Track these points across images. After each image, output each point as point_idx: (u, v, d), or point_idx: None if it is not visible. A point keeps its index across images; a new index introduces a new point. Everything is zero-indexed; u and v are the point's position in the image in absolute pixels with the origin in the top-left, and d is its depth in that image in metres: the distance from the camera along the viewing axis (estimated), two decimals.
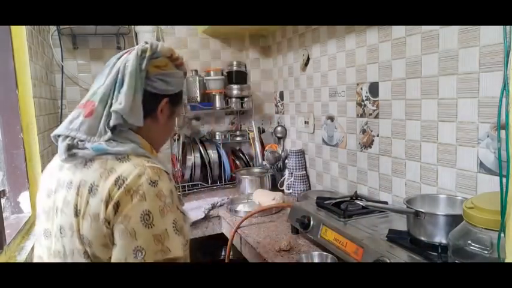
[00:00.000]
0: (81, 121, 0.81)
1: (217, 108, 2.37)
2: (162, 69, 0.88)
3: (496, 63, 1.04)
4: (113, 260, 0.75)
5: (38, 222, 0.90)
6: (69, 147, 0.80)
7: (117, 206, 0.74)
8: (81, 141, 0.80)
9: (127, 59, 0.85)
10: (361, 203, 1.19)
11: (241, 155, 2.46)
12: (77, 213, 0.77)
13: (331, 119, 1.85)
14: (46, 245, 0.85)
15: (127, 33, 2.25)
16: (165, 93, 0.90)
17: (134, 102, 0.83)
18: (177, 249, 0.75)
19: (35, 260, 0.89)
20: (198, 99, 2.33)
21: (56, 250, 0.81)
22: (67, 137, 0.81)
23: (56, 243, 0.81)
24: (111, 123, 0.81)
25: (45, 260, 0.85)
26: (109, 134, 0.80)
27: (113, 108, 0.80)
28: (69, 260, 0.78)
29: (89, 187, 0.77)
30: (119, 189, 0.74)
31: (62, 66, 2.15)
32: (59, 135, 0.82)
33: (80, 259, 0.76)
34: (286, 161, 2.16)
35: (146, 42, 0.87)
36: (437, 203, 1.13)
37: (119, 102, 0.81)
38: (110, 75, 0.85)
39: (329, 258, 1.17)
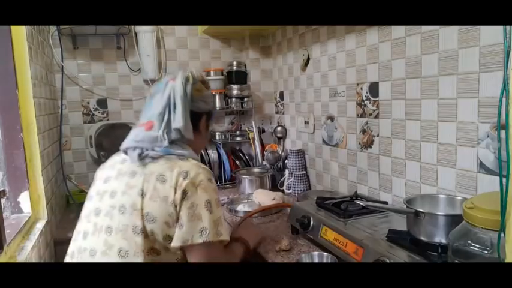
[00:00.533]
0: (144, 135, 1.04)
1: (217, 108, 2.37)
2: (201, 92, 1.12)
3: (496, 63, 1.04)
4: (176, 238, 0.94)
5: (89, 203, 1.08)
6: (140, 155, 1.01)
7: (184, 194, 0.95)
8: (147, 149, 1.02)
9: (174, 86, 1.07)
10: (361, 203, 1.19)
11: (241, 155, 2.46)
12: (142, 195, 0.96)
13: (331, 119, 1.85)
14: (94, 221, 1.02)
15: (127, 33, 2.25)
16: (204, 111, 1.14)
17: (187, 121, 1.06)
18: (226, 234, 0.99)
19: (75, 235, 1.05)
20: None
21: (103, 225, 0.99)
22: (136, 148, 1.03)
23: (105, 219, 0.99)
24: (172, 137, 1.04)
25: (90, 235, 1.01)
26: (166, 141, 1.02)
27: (174, 126, 1.04)
28: (114, 235, 0.96)
29: (156, 176, 0.98)
30: (184, 179, 0.97)
31: (62, 66, 2.15)
32: (127, 148, 1.05)
33: (132, 234, 0.94)
34: (286, 161, 2.16)
35: (186, 71, 1.12)
36: (437, 203, 1.13)
37: (178, 121, 1.04)
38: (162, 99, 1.07)
39: (329, 258, 1.17)
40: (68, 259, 1.04)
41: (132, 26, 2.22)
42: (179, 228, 0.95)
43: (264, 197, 1.83)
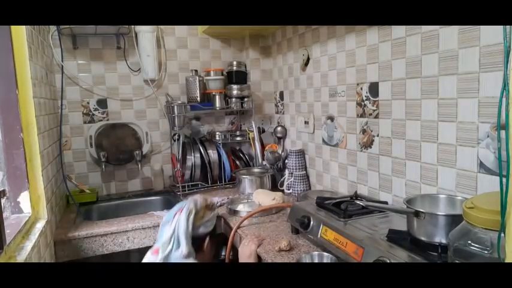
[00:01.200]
0: (148, 258, 1.23)
1: (217, 108, 2.37)
2: (202, 219, 1.27)
3: (496, 63, 1.04)
4: None
5: None
6: None
7: None
8: None
9: (179, 220, 1.22)
10: (361, 203, 1.19)
11: (241, 155, 2.46)
12: None
13: (331, 119, 1.85)
14: None
15: (127, 33, 2.25)
16: (206, 233, 1.28)
17: (188, 250, 1.19)
18: None
19: None
20: (198, 99, 2.33)
21: None
22: None
23: None
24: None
25: None
26: None
27: (177, 255, 1.19)
28: None
29: None
30: None
31: (62, 66, 2.15)
32: None
33: None
34: (286, 161, 2.16)
35: (192, 202, 1.27)
36: (437, 203, 1.13)
37: (181, 252, 1.19)
38: (169, 231, 1.22)
39: (329, 258, 1.17)
40: None
41: (132, 26, 2.22)
42: None
43: (264, 197, 1.83)
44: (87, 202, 2.11)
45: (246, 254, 1.37)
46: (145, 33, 2.24)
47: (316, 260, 1.19)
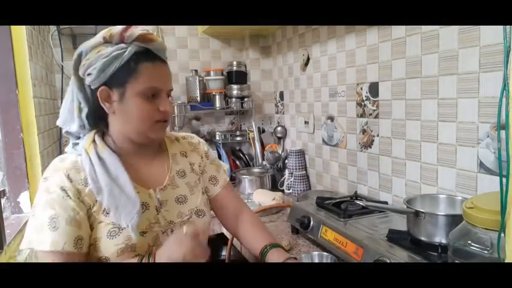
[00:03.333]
0: None
1: (217, 108, 2.37)
2: (85, 64, 0.89)
3: (496, 63, 1.04)
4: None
5: None
6: None
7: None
8: None
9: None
10: (361, 203, 1.19)
11: (241, 155, 2.46)
12: None
13: (331, 119, 1.85)
14: None
15: None
16: (95, 85, 0.90)
17: (66, 109, 0.96)
18: (46, 244, 0.82)
19: None
20: (198, 99, 2.33)
21: None
22: None
23: None
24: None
25: None
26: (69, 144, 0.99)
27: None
28: None
29: None
30: None
31: (62, 66, 2.15)
32: None
33: None
34: (286, 161, 2.16)
35: None
36: (437, 203, 1.13)
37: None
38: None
39: (329, 258, 1.17)
40: None
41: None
42: None
43: (264, 197, 1.83)
44: None
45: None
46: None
47: (316, 260, 1.19)
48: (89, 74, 0.89)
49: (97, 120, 0.95)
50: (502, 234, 0.63)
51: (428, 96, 1.27)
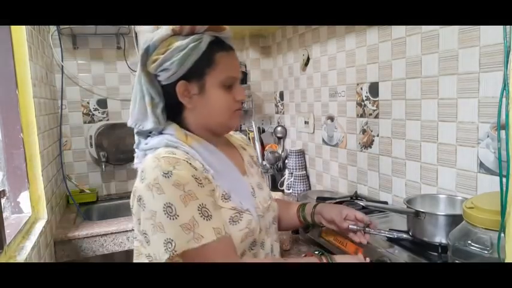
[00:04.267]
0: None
1: None
2: (158, 59, 0.85)
3: (496, 63, 1.04)
4: (145, 257, 0.84)
5: None
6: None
7: (141, 201, 0.80)
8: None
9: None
10: (361, 203, 1.19)
11: None
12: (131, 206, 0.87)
13: (331, 119, 1.85)
14: None
15: (127, 33, 2.25)
16: (172, 80, 0.87)
17: (137, 109, 0.91)
18: (210, 234, 0.76)
19: None
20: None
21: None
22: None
23: None
24: (137, 137, 0.95)
25: None
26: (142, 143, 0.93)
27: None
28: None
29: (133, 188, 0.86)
30: (142, 184, 0.80)
31: (62, 66, 2.15)
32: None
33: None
34: (286, 161, 2.16)
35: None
36: (437, 203, 1.13)
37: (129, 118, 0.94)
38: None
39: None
40: None
41: (132, 26, 2.22)
42: (148, 244, 0.80)
43: None
44: (87, 202, 2.11)
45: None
46: (146, 33, 2.24)
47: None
48: (164, 70, 0.85)
49: (173, 114, 0.92)
50: (502, 234, 0.63)
51: (428, 96, 1.27)
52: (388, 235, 1.06)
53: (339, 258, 0.90)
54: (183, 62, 0.84)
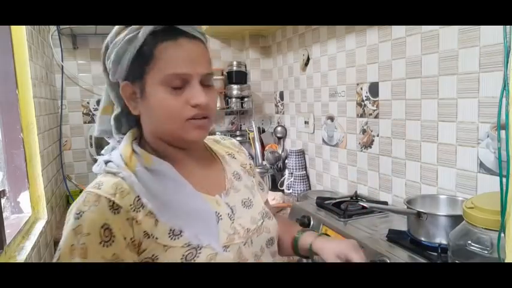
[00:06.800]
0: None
1: (218, 108, 2.37)
2: (104, 58, 0.74)
3: (496, 63, 1.04)
4: None
5: None
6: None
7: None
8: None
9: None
10: (364, 204, 1.19)
11: None
12: None
13: (331, 119, 1.85)
14: None
15: None
16: (117, 79, 0.73)
17: (99, 111, 0.80)
18: None
19: None
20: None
21: None
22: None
23: None
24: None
25: None
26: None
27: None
28: None
29: None
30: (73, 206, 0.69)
31: (62, 66, 2.15)
32: None
33: None
34: (286, 161, 2.16)
35: None
36: (437, 204, 1.13)
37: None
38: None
39: None
40: None
41: None
42: None
43: None
44: None
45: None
46: None
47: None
48: (108, 70, 0.73)
49: (130, 122, 0.78)
50: (502, 234, 0.63)
51: (428, 96, 1.27)
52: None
53: (333, 240, 0.85)
54: (118, 59, 0.70)
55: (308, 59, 2.01)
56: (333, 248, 0.83)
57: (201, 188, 0.75)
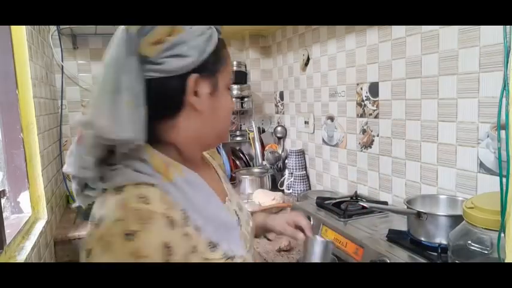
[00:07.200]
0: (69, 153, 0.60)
1: None
2: (166, 41, 0.62)
3: (496, 63, 1.04)
4: None
5: None
6: (79, 191, 0.62)
7: (88, 256, 0.55)
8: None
9: (109, 45, 0.64)
10: (364, 204, 1.19)
11: (241, 155, 2.46)
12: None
13: (331, 119, 1.85)
14: None
15: None
16: (187, 70, 0.63)
17: (109, 110, 0.58)
18: None
19: None
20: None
21: None
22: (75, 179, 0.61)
23: None
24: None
25: None
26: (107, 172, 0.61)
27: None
28: None
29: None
30: (93, 231, 0.56)
31: (62, 66, 2.15)
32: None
33: None
34: (286, 161, 2.16)
35: None
36: (437, 204, 1.13)
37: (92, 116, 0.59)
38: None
39: (330, 245, 1.17)
40: None
41: None
42: None
43: (264, 197, 1.83)
44: None
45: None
46: None
47: (319, 246, 1.11)
48: (175, 56, 0.62)
49: (150, 125, 0.63)
50: (502, 234, 0.63)
51: (428, 96, 1.27)
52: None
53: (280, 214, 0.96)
54: (204, 49, 0.64)
55: (308, 59, 2.01)
56: (282, 218, 0.94)
57: (218, 197, 0.73)
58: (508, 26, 0.68)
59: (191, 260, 0.60)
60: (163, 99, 0.64)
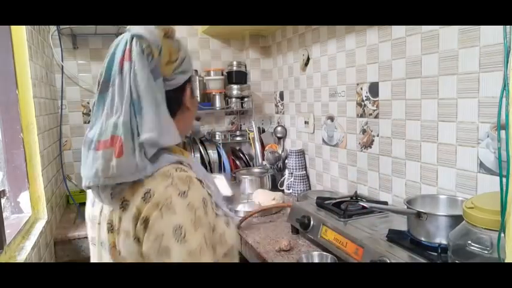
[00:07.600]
0: (115, 164, 0.69)
1: (217, 108, 2.37)
2: (174, 61, 0.77)
3: (496, 63, 1.04)
4: None
5: (87, 228, 0.91)
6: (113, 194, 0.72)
7: (146, 223, 0.68)
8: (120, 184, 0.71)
9: (133, 70, 0.71)
10: (365, 204, 1.19)
11: (241, 155, 2.46)
12: (110, 229, 0.74)
13: (331, 119, 1.85)
14: (92, 252, 0.85)
15: None
16: (185, 80, 0.81)
17: (163, 120, 0.74)
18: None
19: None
20: (198, 99, 2.33)
21: (98, 259, 0.80)
22: (106, 186, 0.71)
23: (99, 252, 0.80)
24: (150, 153, 0.72)
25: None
26: (149, 166, 0.72)
27: (143, 138, 0.70)
28: None
29: (120, 202, 0.71)
30: (145, 202, 0.69)
31: (62, 66, 2.15)
32: (90, 186, 0.72)
33: None
34: (286, 161, 2.16)
35: (133, 37, 0.74)
36: (437, 204, 1.13)
37: (148, 129, 0.71)
38: (124, 95, 0.71)
39: (329, 258, 1.17)
40: None
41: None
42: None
43: (264, 197, 1.82)
44: None
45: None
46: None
47: (316, 260, 1.19)
48: (182, 72, 0.80)
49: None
50: (502, 234, 0.63)
51: (428, 96, 1.27)
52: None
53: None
54: (191, 61, 0.84)
55: (308, 59, 2.01)
56: None
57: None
58: (508, 26, 0.68)
59: (213, 213, 0.76)
60: (170, 104, 0.78)
